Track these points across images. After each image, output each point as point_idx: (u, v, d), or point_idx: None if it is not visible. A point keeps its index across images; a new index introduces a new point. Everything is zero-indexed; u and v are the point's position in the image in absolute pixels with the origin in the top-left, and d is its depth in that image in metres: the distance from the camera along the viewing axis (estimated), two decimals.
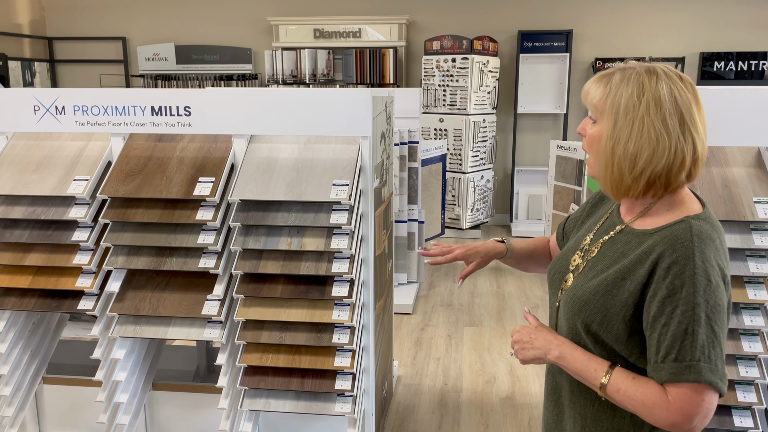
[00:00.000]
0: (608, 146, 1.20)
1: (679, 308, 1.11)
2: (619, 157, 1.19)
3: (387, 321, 3.04)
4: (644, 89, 1.17)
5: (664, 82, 1.17)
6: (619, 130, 1.19)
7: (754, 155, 2.40)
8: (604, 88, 1.22)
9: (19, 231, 2.47)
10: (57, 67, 7.80)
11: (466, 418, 3.15)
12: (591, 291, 1.24)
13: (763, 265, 2.21)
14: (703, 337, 1.09)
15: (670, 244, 1.14)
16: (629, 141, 1.18)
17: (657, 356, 1.13)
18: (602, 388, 1.19)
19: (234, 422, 2.43)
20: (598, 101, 1.23)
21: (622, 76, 1.21)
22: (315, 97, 2.43)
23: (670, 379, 1.11)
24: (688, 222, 1.17)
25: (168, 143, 2.58)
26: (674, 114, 1.16)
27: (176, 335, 2.38)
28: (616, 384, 1.17)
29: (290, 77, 7.14)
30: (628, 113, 1.18)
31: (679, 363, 1.10)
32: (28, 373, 2.65)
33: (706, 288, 1.10)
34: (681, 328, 1.10)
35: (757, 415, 2.22)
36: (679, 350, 1.10)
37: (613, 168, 1.21)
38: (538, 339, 1.29)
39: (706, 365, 1.09)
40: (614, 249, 1.26)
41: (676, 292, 1.11)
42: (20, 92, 2.57)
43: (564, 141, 5.81)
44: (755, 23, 6.66)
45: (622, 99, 1.19)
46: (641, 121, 1.16)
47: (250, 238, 2.34)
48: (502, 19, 7.00)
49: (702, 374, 1.08)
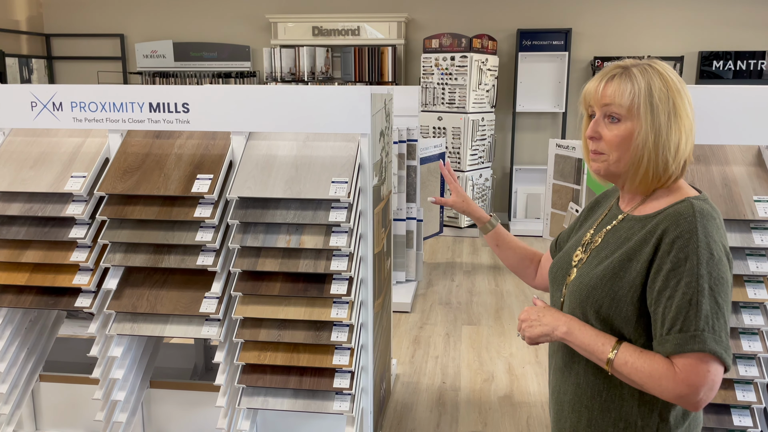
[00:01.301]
0: (649, 140, 1.23)
1: (683, 280, 1.13)
2: (664, 148, 1.23)
3: (385, 319, 3.03)
4: (666, 81, 1.24)
5: (670, 73, 1.25)
6: (659, 122, 1.23)
7: (754, 154, 2.39)
8: (631, 85, 1.24)
9: (16, 228, 2.45)
10: (54, 64, 7.77)
11: (465, 417, 3.14)
12: (598, 276, 1.26)
13: (763, 264, 2.20)
14: (707, 307, 1.12)
15: (673, 220, 1.18)
16: (671, 131, 1.23)
17: (662, 329, 1.15)
18: (609, 363, 1.20)
19: (232, 420, 2.43)
20: (626, 100, 1.24)
21: (640, 71, 1.25)
22: (314, 94, 2.42)
23: (675, 350, 1.12)
24: (690, 201, 1.21)
25: (166, 140, 2.57)
26: (686, 98, 1.25)
27: (174, 333, 2.37)
28: (623, 357, 1.19)
29: (289, 75, 7.12)
30: (663, 105, 1.23)
31: (683, 333, 1.12)
32: (25, 371, 2.64)
33: (709, 260, 1.14)
34: (685, 299, 1.13)
35: (756, 414, 2.22)
36: (684, 321, 1.12)
37: (657, 160, 1.24)
38: (545, 316, 1.31)
39: (710, 335, 1.11)
40: (617, 236, 1.29)
41: (680, 264, 1.14)
42: (17, 88, 2.55)
43: (563, 140, 5.81)
44: (754, 22, 6.66)
45: (654, 92, 1.23)
46: (676, 110, 1.23)
47: (249, 235, 2.33)
48: (501, 18, 6.99)
49: (706, 343, 1.10)
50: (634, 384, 1.19)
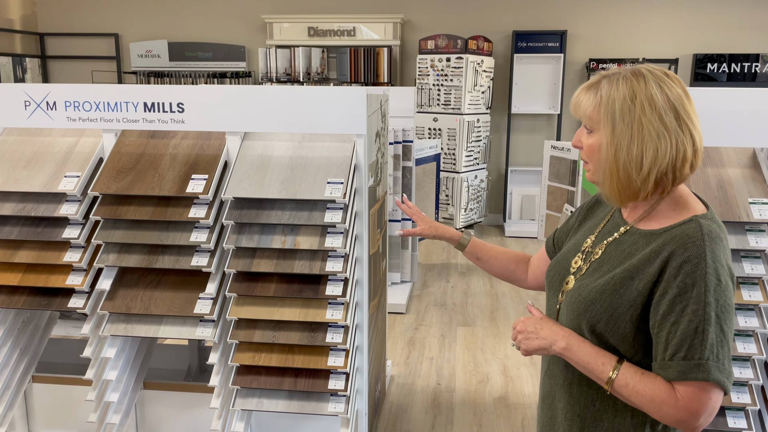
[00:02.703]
0: (610, 153, 1.20)
1: (690, 307, 1.11)
2: (624, 162, 1.19)
3: (381, 320, 3.03)
4: (635, 91, 1.18)
5: (653, 81, 1.18)
6: (619, 135, 1.19)
7: (749, 156, 2.40)
8: (595, 97, 1.23)
9: (8, 228, 2.44)
10: (48, 63, 7.74)
11: (459, 418, 3.14)
12: (597, 291, 1.23)
13: (758, 266, 2.21)
14: (713, 336, 1.10)
15: (681, 243, 1.15)
16: (631, 144, 1.18)
17: (665, 353, 1.14)
18: (609, 383, 1.18)
19: (226, 422, 2.41)
20: (591, 111, 1.23)
21: (609, 82, 1.21)
22: (310, 95, 2.41)
23: (679, 377, 1.11)
24: (698, 221, 1.17)
25: (161, 140, 2.56)
26: (669, 110, 1.17)
27: (168, 334, 2.35)
28: (624, 379, 1.17)
29: (284, 75, 7.11)
30: (624, 117, 1.18)
31: (688, 361, 1.11)
32: (17, 372, 2.62)
33: (717, 287, 1.11)
34: (691, 327, 1.11)
35: (751, 416, 2.22)
36: (689, 349, 1.11)
37: (619, 174, 1.20)
38: (543, 329, 1.28)
39: (714, 364, 1.10)
40: (620, 250, 1.26)
41: (687, 290, 1.12)
42: (11, 87, 2.54)
43: (558, 141, 5.81)
44: (748, 25, 6.69)
45: (616, 104, 1.19)
46: (639, 122, 1.17)
47: (244, 236, 2.32)
48: (497, 19, 7.00)
49: (711, 373, 1.09)
50: (633, 405, 1.18)
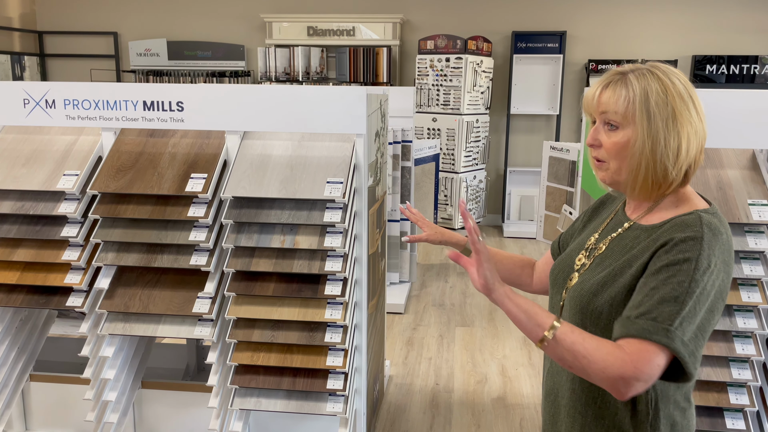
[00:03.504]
0: (647, 147, 1.21)
1: (677, 277, 1.11)
2: (662, 155, 1.21)
3: (379, 320, 3.02)
4: (665, 85, 1.20)
5: (672, 76, 1.22)
6: (656, 128, 1.20)
7: (749, 157, 2.40)
8: (626, 92, 1.22)
9: (7, 226, 2.43)
10: (47, 62, 7.72)
11: (458, 419, 3.14)
12: (599, 283, 1.24)
13: (757, 268, 2.21)
14: (689, 310, 1.10)
15: (680, 228, 1.16)
16: (669, 137, 1.20)
17: (632, 311, 1.12)
18: (552, 329, 1.13)
19: (224, 421, 2.41)
20: (621, 107, 1.22)
21: (636, 77, 1.22)
22: (310, 94, 2.41)
23: (640, 333, 1.09)
24: (698, 214, 1.19)
25: (160, 138, 2.55)
26: (690, 103, 1.22)
27: (166, 333, 2.35)
28: (568, 328, 1.13)
29: (283, 75, 7.10)
30: (660, 111, 1.20)
31: (656, 323, 1.09)
32: (15, 371, 2.62)
33: (705, 270, 1.12)
34: (672, 294, 1.10)
35: (749, 417, 2.22)
36: (661, 313, 1.09)
37: (656, 167, 1.22)
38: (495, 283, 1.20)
39: (680, 335, 1.08)
40: (622, 244, 1.27)
41: (677, 263, 1.12)
42: (10, 85, 2.53)
43: (557, 142, 5.82)
44: (747, 27, 6.70)
45: (651, 98, 1.20)
46: (673, 115, 1.20)
47: (243, 235, 2.32)
48: (496, 20, 7.00)
49: (674, 341, 1.08)
50: (573, 360, 1.11)
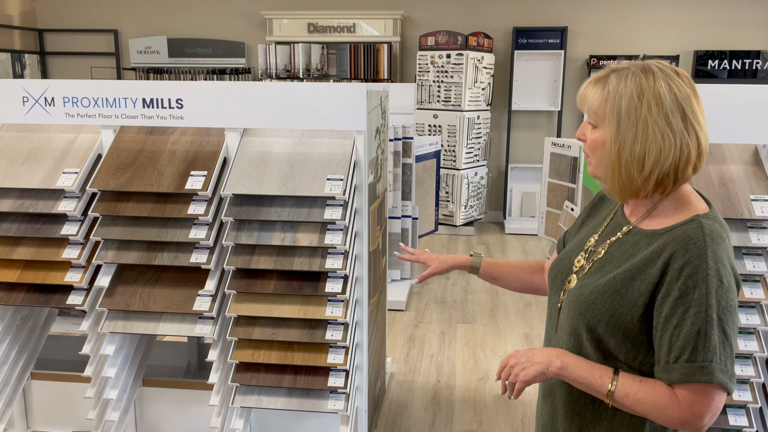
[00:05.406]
0: (613, 150, 1.19)
1: (692, 309, 1.10)
2: (627, 160, 1.18)
3: (380, 317, 3.02)
4: (643, 89, 1.16)
5: (662, 80, 1.16)
6: (624, 133, 1.17)
7: (751, 153, 2.39)
8: (602, 92, 1.20)
9: (6, 224, 2.42)
10: (47, 60, 7.71)
11: (459, 416, 3.13)
12: (599, 291, 1.22)
13: (760, 264, 2.20)
14: (715, 338, 1.10)
15: (682, 244, 1.14)
16: (635, 143, 1.16)
17: (668, 356, 1.13)
18: (609, 395, 1.18)
19: (225, 419, 2.41)
20: (597, 106, 1.21)
21: (618, 77, 1.19)
22: (310, 91, 2.40)
23: (682, 379, 1.11)
24: (699, 221, 1.16)
25: (159, 136, 2.54)
26: (676, 111, 1.15)
27: (167, 331, 2.35)
28: (624, 389, 1.17)
29: (284, 72, 7.09)
30: (630, 115, 1.16)
31: (691, 364, 1.10)
32: (16, 369, 2.61)
33: (718, 289, 1.11)
34: (694, 330, 1.10)
35: (752, 413, 2.21)
36: (692, 351, 1.10)
37: (620, 171, 1.19)
38: (536, 355, 1.25)
39: (718, 366, 1.09)
40: (622, 250, 1.25)
41: (688, 293, 1.11)
42: (9, 83, 2.52)
43: (558, 138, 5.80)
44: (749, 22, 6.67)
45: (622, 102, 1.17)
46: (644, 122, 1.15)
47: (243, 232, 2.31)
48: (497, 16, 6.98)
49: (714, 375, 1.09)
50: (636, 413, 1.17)
